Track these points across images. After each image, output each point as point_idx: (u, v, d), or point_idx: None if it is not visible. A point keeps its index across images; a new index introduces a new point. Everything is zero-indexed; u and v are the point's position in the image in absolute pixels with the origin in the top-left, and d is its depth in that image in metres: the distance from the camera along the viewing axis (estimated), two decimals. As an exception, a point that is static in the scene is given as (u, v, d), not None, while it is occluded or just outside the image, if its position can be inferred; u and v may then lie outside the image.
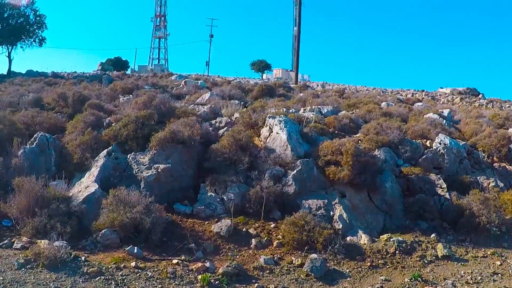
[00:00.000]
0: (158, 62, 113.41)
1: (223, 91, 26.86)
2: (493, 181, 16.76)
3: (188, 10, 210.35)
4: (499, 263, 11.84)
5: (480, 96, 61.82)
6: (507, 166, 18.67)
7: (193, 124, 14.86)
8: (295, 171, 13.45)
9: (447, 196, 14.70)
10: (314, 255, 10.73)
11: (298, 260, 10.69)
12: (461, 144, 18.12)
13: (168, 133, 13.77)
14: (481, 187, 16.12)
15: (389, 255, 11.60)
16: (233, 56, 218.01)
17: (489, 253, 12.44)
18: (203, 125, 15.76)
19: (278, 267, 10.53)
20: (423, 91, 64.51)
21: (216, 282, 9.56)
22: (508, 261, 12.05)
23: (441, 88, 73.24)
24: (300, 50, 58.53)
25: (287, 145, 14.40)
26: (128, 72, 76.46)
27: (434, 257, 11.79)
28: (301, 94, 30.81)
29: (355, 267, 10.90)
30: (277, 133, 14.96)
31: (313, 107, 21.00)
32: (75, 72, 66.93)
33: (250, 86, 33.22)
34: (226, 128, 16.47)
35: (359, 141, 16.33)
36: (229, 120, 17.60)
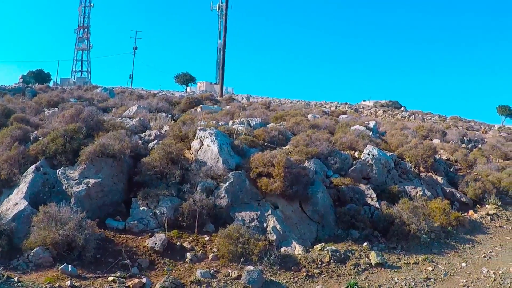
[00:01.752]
0: (81, 75, 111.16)
1: (150, 104, 26.82)
2: (420, 190, 17.57)
3: (112, 21, 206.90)
4: (431, 269, 12.46)
5: (402, 108, 63.84)
6: (433, 176, 19.64)
7: (123, 137, 14.71)
8: (227, 183, 13.64)
9: (377, 205, 15.31)
10: (250, 267, 10.91)
11: (234, 273, 10.83)
12: (388, 155, 18.86)
13: (98, 146, 13.60)
14: (409, 196, 16.89)
15: (324, 264, 11.96)
16: (157, 69, 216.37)
17: (420, 259, 13.08)
18: (132, 138, 15.63)
19: (215, 280, 10.63)
20: (346, 103, 66.07)
21: (153, 298, 9.61)
22: (439, 267, 12.70)
23: (364, 100, 75.18)
24: (227, 62, 58.82)
25: (218, 158, 14.59)
26: (51, 84, 74.55)
27: (368, 265, 12.28)
28: (228, 107, 31.16)
29: (292, 278, 11.17)
30: (208, 145, 15.11)
31: (242, 119, 21.32)
32: (-5, 85, 64.78)
33: (176, 99, 33.32)
34: (156, 141, 16.45)
35: (289, 153, 16.74)
36: (158, 133, 17.64)
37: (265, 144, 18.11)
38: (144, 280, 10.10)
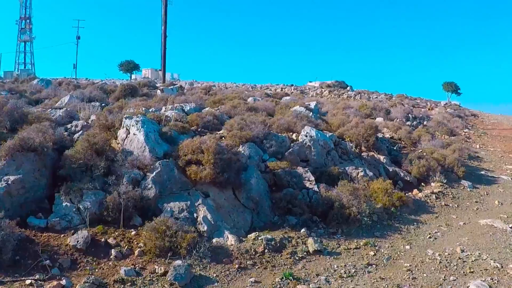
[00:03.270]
0: (25, 67, 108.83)
1: (83, 93, 25.92)
2: (362, 171, 17.26)
3: (54, 11, 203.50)
4: (373, 253, 12.11)
5: (348, 88, 64.27)
6: (375, 155, 19.35)
7: (46, 129, 13.98)
8: (154, 173, 13.02)
9: (316, 188, 14.92)
10: (178, 262, 10.38)
11: (161, 269, 10.26)
12: (328, 135, 18.51)
13: (18, 140, 12.82)
14: (350, 177, 16.58)
15: (258, 254, 11.46)
16: (102, 58, 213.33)
17: (362, 244, 12.69)
18: (57, 130, 14.87)
19: (140, 278, 10.05)
20: (292, 85, 66.18)
21: (73, 300, 9.03)
22: (382, 251, 12.36)
23: (310, 82, 75.58)
24: (171, 50, 58.34)
25: (145, 146, 13.94)
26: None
27: (305, 253, 11.82)
28: (163, 93, 30.36)
29: (223, 271, 10.65)
30: (134, 134, 14.45)
31: (175, 105, 20.68)
32: None
33: (112, 87, 32.38)
34: (81, 132, 15.74)
35: (222, 138, 16.21)
36: (85, 123, 16.86)
37: (199, 129, 17.55)
38: (63, 281, 9.48)
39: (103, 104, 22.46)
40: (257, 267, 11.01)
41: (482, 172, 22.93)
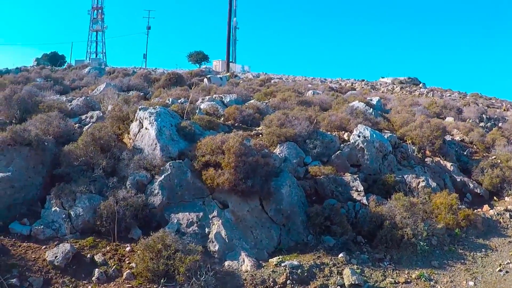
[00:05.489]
0: (96, 56, 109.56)
1: (122, 81, 23.93)
2: (423, 180, 14.42)
3: (125, 2, 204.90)
4: (426, 292, 9.33)
5: (421, 85, 60.86)
6: (441, 161, 16.34)
7: (50, 120, 12.27)
8: (162, 176, 10.70)
9: (364, 201, 12.36)
10: (172, 292, 8.02)
11: (148, 301, 7.88)
12: (386, 136, 15.67)
13: (10, 133, 10.87)
14: (408, 187, 13.83)
15: (277, 287, 8.87)
16: (172, 48, 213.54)
17: (413, 276, 10.02)
18: (67, 122, 12.97)
19: (119, 310, 7.70)
20: (363, 80, 63.06)
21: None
22: (438, 287, 9.52)
23: (382, 77, 72.50)
24: (243, 42, 56.55)
25: (156, 144, 11.64)
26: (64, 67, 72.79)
27: (339, 287, 9.09)
28: (210, 83, 27.89)
29: (227, 308, 8.12)
30: (146, 128, 12.18)
31: (214, 96, 18.17)
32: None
33: (156, 76, 30.26)
34: (91, 124, 13.66)
35: (259, 136, 13.65)
36: (100, 114, 14.66)
37: (236, 125, 15.08)
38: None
39: (141, 94, 20.23)
40: (272, 305, 8.42)
41: None
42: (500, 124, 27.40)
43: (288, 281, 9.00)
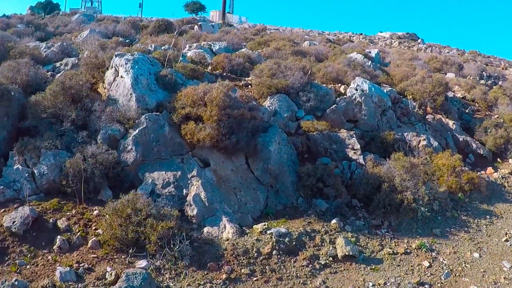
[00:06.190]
0: (91, 5, 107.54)
1: (107, 27, 22.49)
2: (424, 139, 13.31)
3: None
4: (428, 264, 8.52)
5: (419, 40, 59.60)
6: (443, 119, 15.21)
7: (19, 68, 11.09)
8: (137, 130, 9.55)
9: (361, 160, 11.31)
10: (141, 263, 7.02)
11: (112, 273, 6.82)
12: (385, 90, 14.47)
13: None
14: (408, 146, 12.66)
15: (261, 258, 7.85)
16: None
17: (413, 246, 9.06)
18: (38, 69, 11.84)
19: (79, 285, 6.60)
20: (361, 34, 61.72)
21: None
22: (440, 260, 8.71)
23: (381, 32, 71.29)
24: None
25: (131, 94, 10.40)
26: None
27: (331, 258, 8.17)
28: (200, 30, 26.41)
29: (202, 283, 7.05)
30: (121, 76, 10.92)
31: (202, 43, 16.81)
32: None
33: (145, 23, 28.70)
34: (62, 72, 12.32)
35: (249, 86, 12.42)
36: (76, 61, 13.30)
37: (224, 74, 13.81)
38: (-26, 280, 6.60)
39: (127, 41, 18.88)
40: (254, 278, 7.41)
41: None
42: (500, 83, 26.26)
43: (274, 252, 7.92)
